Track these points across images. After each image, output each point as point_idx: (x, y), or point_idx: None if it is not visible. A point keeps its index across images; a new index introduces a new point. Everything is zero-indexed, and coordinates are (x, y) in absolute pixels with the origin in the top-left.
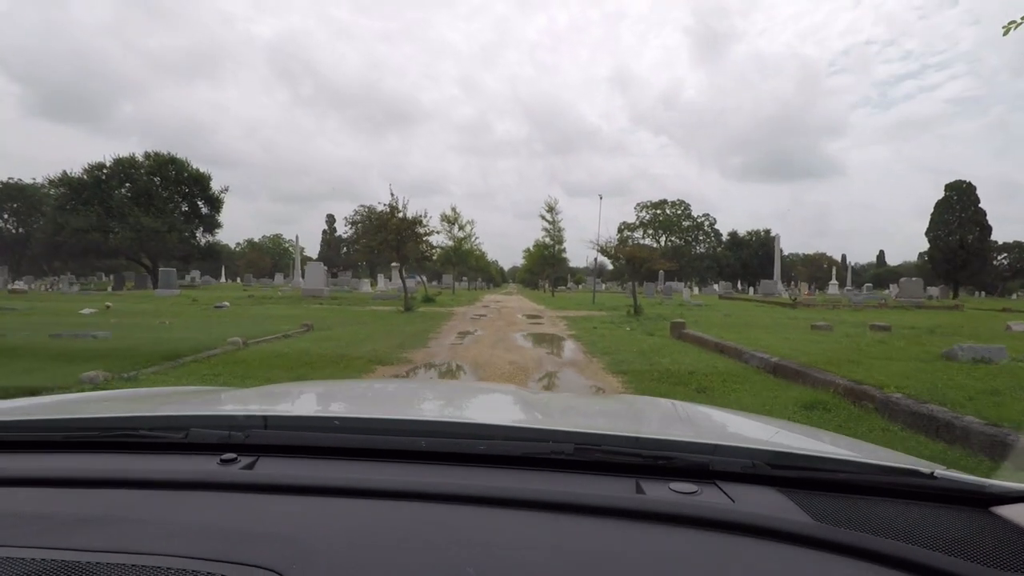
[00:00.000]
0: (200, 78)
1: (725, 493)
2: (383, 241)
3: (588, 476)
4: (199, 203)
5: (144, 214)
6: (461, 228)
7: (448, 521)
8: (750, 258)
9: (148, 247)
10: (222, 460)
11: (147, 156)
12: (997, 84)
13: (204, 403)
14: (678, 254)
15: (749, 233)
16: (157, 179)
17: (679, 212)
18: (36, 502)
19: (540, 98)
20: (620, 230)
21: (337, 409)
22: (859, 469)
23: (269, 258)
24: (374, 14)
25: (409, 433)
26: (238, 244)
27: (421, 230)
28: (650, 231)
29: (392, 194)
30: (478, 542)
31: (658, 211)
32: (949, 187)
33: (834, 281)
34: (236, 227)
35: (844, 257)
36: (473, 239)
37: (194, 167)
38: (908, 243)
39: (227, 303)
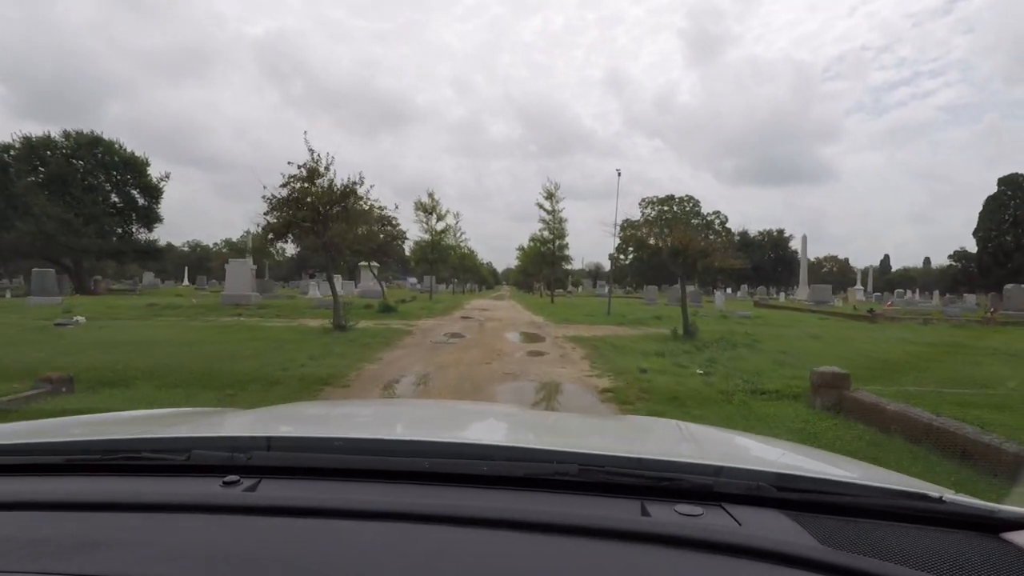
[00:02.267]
0: (191, 78)
1: (731, 515)
2: (290, 222)
3: (592, 497)
4: (134, 193)
5: (54, 203)
6: (440, 218)
7: (451, 543)
8: (762, 260)
9: (57, 243)
10: (224, 482)
11: (66, 136)
12: (990, 92)
13: (206, 425)
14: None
15: (761, 233)
16: (80, 163)
17: (688, 209)
18: (36, 526)
19: (534, 100)
20: (623, 227)
21: (340, 430)
22: (867, 492)
23: None
24: (371, 16)
25: (412, 454)
26: (215, 244)
27: (359, 206)
28: (656, 229)
29: (311, 151)
30: (481, 565)
31: (665, 207)
32: (1002, 181)
33: (858, 286)
34: (229, 228)
35: (847, 261)
36: (458, 233)
37: (127, 150)
38: (904, 248)
39: (81, 319)
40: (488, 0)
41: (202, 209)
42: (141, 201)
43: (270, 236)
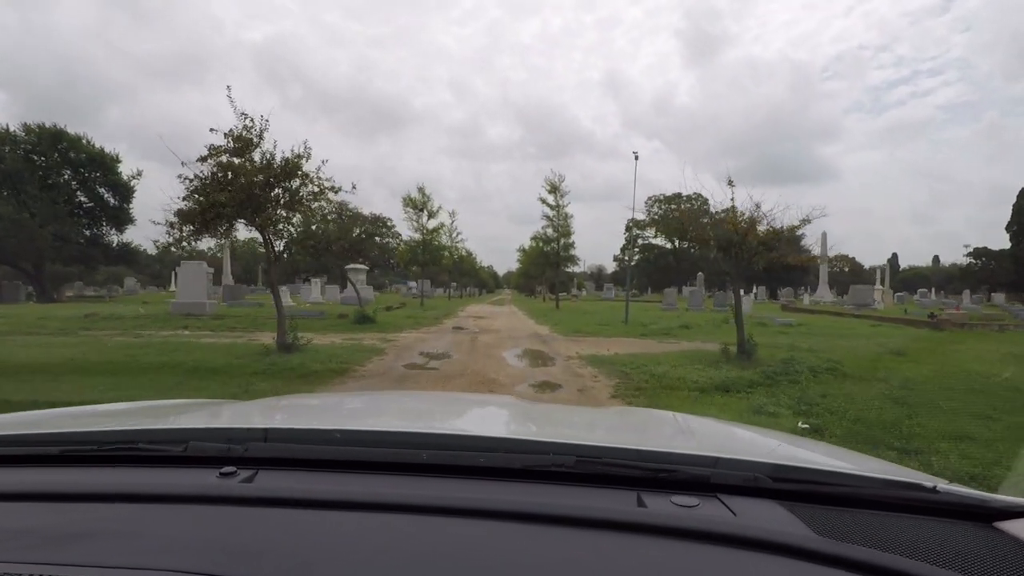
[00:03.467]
0: (189, 83)
1: (727, 506)
2: (211, 206)
3: (589, 489)
4: (102, 191)
5: (7, 202)
6: (432, 215)
7: (449, 534)
8: (771, 260)
9: (8, 244)
10: (221, 473)
11: (26, 130)
12: (990, 90)
13: (204, 416)
14: (703, 255)
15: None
16: (42, 159)
17: (696, 207)
18: (32, 517)
19: (533, 102)
20: (628, 228)
21: (337, 422)
22: (862, 482)
23: (240, 263)
24: (367, 20)
25: (410, 446)
26: (209, 249)
27: (306, 188)
28: (663, 229)
29: (243, 115)
30: (479, 555)
31: (672, 206)
32: None
33: (878, 286)
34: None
35: (854, 260)
36: (453, 233)
37: (95, 145)
38: (907, 246)
39: None
40: (486, 3)
41: None
42: (112, 201)
43: (188, 229)
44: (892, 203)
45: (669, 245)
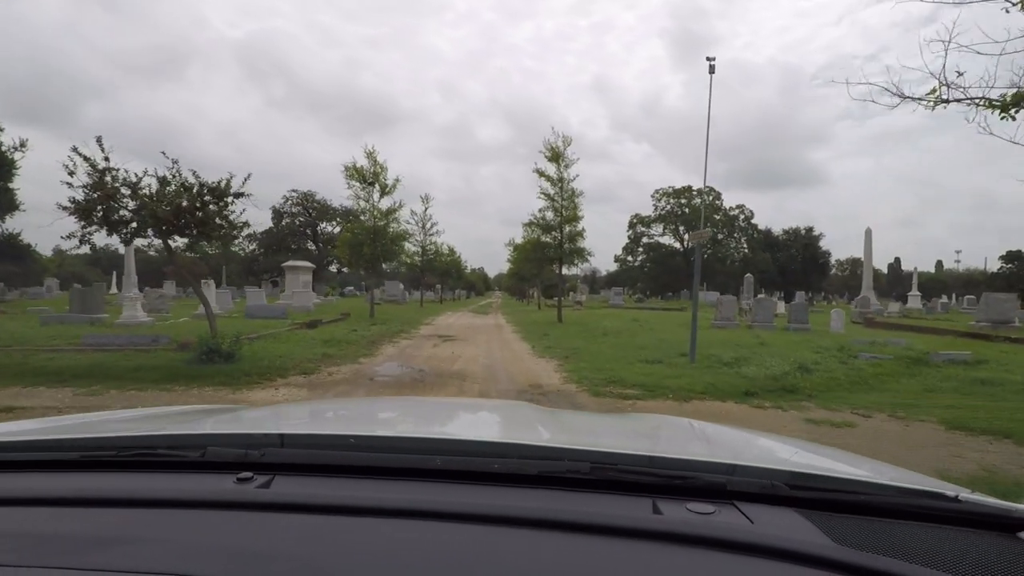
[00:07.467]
0: (172, 81)
1: (743, 514)
2: None
3: (604, 496)
4: None
5: None
6: (385, 191)
7: (463, 540)
8: (788, 262)
9: None
10: (238, 479)
11: None
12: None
13: (221, 422)
14: (717, 255)
15: (786, 232)
16: None
17: (708, 202)
18: (52, 521)
19: (525, 104)
20: (632, 224)
21: (353, 427)
22: (881, 491)
23: (206, 265)
24: (362, 21)
25: (424, 451)
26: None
27: None
28: (671, 226)
29: None
30: (493, 562)
31: (682, 200)
32: None
33: (915, 292)
34: None
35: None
36: (427, 224)
37: None
38: (896, 251)
39: None
40: (479, 7)
41: None
42: None
43: None
44: (880, 207)
45: (678, 244)
